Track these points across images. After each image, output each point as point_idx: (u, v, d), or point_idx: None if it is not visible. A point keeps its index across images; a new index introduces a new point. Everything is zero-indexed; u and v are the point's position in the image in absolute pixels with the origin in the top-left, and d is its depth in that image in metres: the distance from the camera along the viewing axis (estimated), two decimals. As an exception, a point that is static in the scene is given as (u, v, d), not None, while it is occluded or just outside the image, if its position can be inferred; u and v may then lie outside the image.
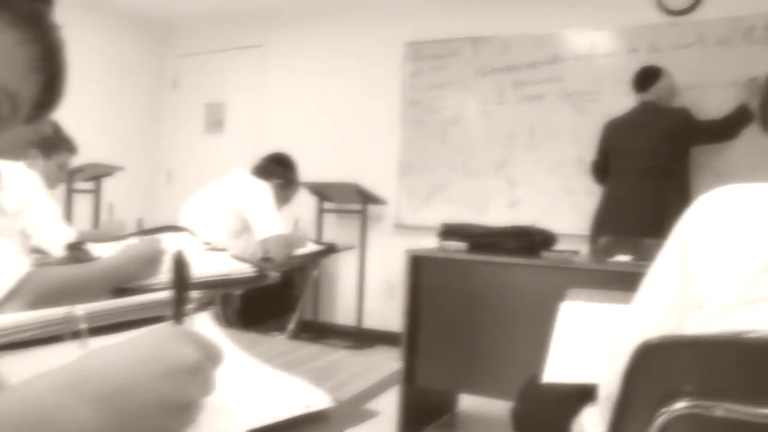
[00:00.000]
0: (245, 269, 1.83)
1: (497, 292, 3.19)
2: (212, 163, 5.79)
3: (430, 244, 3.68)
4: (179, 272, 0.63)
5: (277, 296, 3.26)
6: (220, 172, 3.56)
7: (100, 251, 1.85)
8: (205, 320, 0.80)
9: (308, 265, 3.70)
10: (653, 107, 4.09)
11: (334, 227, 5.60)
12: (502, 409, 3.37)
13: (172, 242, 1.72)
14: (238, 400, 0.67)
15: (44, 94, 0.69)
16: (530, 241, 3.30)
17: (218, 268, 1.77)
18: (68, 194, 5.28)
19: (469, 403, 3.75)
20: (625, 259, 3.01)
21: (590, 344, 1.39)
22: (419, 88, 5.32)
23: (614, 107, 4.33)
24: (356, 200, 5.22)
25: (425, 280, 3.35)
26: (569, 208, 4.74)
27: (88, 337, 0.70)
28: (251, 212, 3.23)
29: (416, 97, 5.33)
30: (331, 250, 3.83)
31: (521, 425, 1.47)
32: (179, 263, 0.64)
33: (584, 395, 1.26)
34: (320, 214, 5.50)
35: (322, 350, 0.92)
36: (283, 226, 3.26)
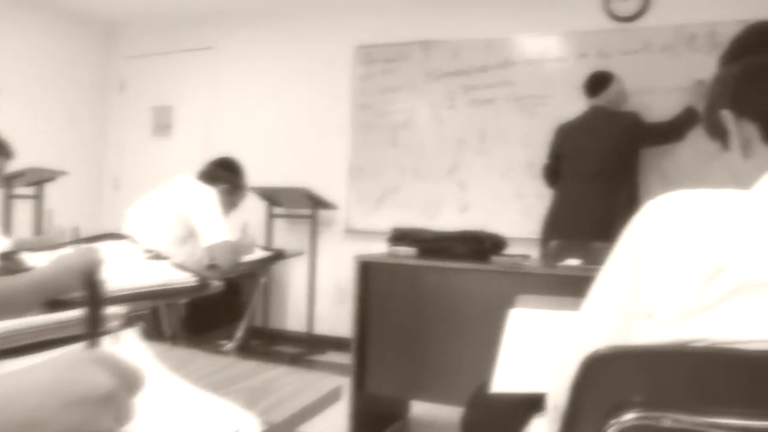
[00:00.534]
0: (186, 278, 1.77)
1: (448, 297, 3.17)
2: (160, 167, 5.67)
3: (381, 248, 3.64)
4: (92, 290, 0.58)
5: (224, 304, 3.18)
6: (168, 176, 3.48)
7: (35, 261, 1.77)
8: (131, 337, 0.74)
9: (257, 271, 3.62)
10: (604, 112, 4.13)
11: (284, 232, 5.54)
12: (453, 414, 3.35)
13: (111, 251, 1.65)
14: (159, 428, 0.62)
15: None
16: (480, 246, 3.28)
17: (158, 277, 1.71)
18: (6, 200, 5.11)
19: (420, 409, 3.72)
20: (575, 263, 3.02)
21: (539, 353, 1.37)
22: (370, 91, 5.29)
23: (564, 111, 4.36)
24: (306, 205, 5.16)
25: (375, 286, 3.31)
26: (520, 211, 4.76)
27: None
28: (197, 218, 3.15)
29: (367, 100, 5.30)
30: (279, 256, 3.77)
31: (471, 434, 1.45)
32: (92, 281, 0.58)
33: (533, 404, 1.24)
34: (270, 219, 5.43)
35: (258, 367, 0.87)
36: (229, 232, 3.19)
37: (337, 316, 5.26)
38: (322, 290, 5.37)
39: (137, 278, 1.60)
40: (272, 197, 5.33)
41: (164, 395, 0.67)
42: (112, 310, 0.70)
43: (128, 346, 0.72)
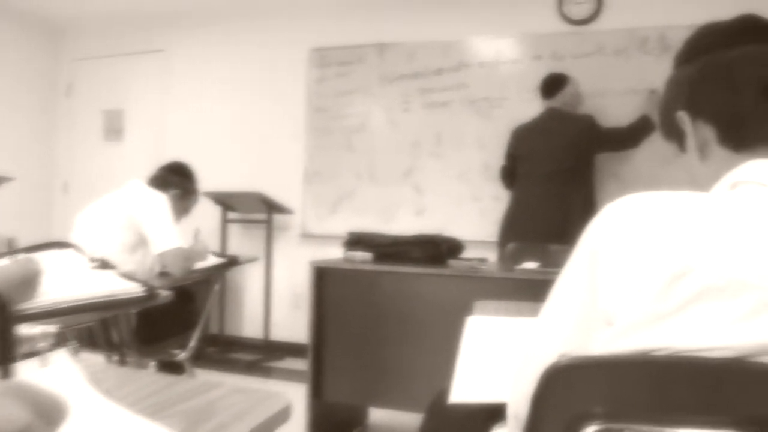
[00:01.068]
0: (133, 289, 1.70)
1: (405, 302, 3.14)
2: (112, 172, 5.54)
3: (337, 253, 3.60)
4: (1, 313, 0.53)
5: (177, 312, 3.09)
6: (121, 182, 3.38)
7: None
8: (62, 359, 0.69)
9: (211, 278, 3.55)
10: (559, 113, 4.14)
11: (238, 238, 5.46)
12: (412, 420, 3.33)
13: (53, 261, 1.58)
14: (85, 461, 0.57)
15: None
16: (437, 250, 3.26)
17: (102, 288, 1.64)
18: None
19: (379, 416, 3.68)
20: (532, 266, 3.01)
21: (497, 362, 1.34)
22: (324, 94, 5.25)
23: (519, 113, 4.37)
24: (261, 210, 5.09)
25: (331, 292, 3.27)
26: (476, 214, 4.76)
27: None
28: (147, 225, 3.06)
29: (321, 103, 5.25)
30: (233, 262, 3.69)
31: (430, 443, 1.41)
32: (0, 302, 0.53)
33: (493, 413, 1.21)
34: (224, 224, 5.35)
35: (201, 386, 0.82)
36: (181, 238, 3.11)
37: (293, 321, 5.20)
38: (278, 296, 5.31)
39: (80, 289, 1.54)
40: (226, 202, 5.25)
41: (93, 424, 0.62)
42: (40, 329, 0.65)
43: (58, 368, 0.66)
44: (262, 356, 5.04)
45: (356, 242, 3.43)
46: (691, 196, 0.88)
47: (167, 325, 3.14)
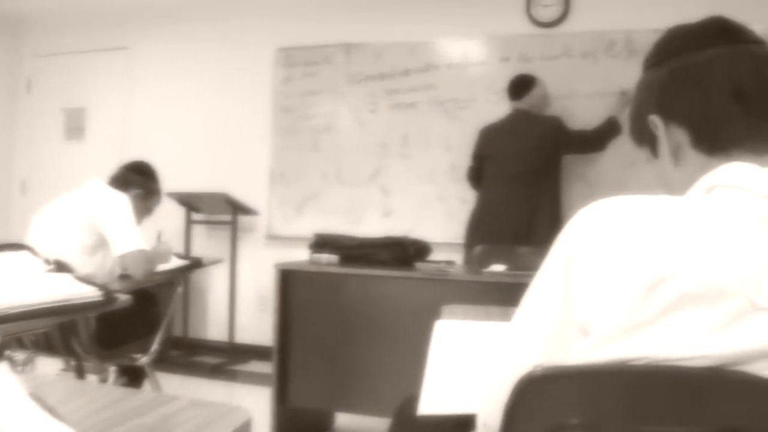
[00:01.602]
0: (90, 293, 1.64)
1: (371, 305, 3.11)
2: (73, 172, 5.40)
3: (303, 255, 3.56)
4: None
5: (139, 316, 3.01)
6: (81, 182, 3.29)
7: None
8: (1, 372, 0.64)
9: (174, 280, 3.48)
10: (526, 115, 4.14)
11: (203, 239, 5.38)
12: (379, 425, 3.30)
13: (5, 263, 1.51)
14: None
15: None
16: (404, 252, 3.24)
17: (57, 292, 1.57)
18: None
19: (345, 420, 3.64)
20: (500, 268, 3.00)
21: (467, 369, 1.31)
22: (291, 94, 5.19)
23: (486, 115, 4.36)
24: (226, 211, 5.03)
25: (296, 294, 3.23)
26: (443, 216, 4.74)
27: None
28: (107, 226, 2.98)
29: (288, 104, 5.19)
30: (197, 264, 3.62)
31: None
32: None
33: (462, 421, 1.18)
34: (188, 225, 5.26)
35: (156, 400, 0.77)
36: (143, 240, 3.03)
37: (258, 324, 5.14)
38: (243, 298, 5.24)
39: (32, 294, 1.47)
40: (190, 203, 5.17)
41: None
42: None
43: (-1, 382, 0.62)
44: (226, 359, 4.97)
45: (322, 244, 3.39)
46: (667, 200, 0.86)
47: (128, 328, 3.06)
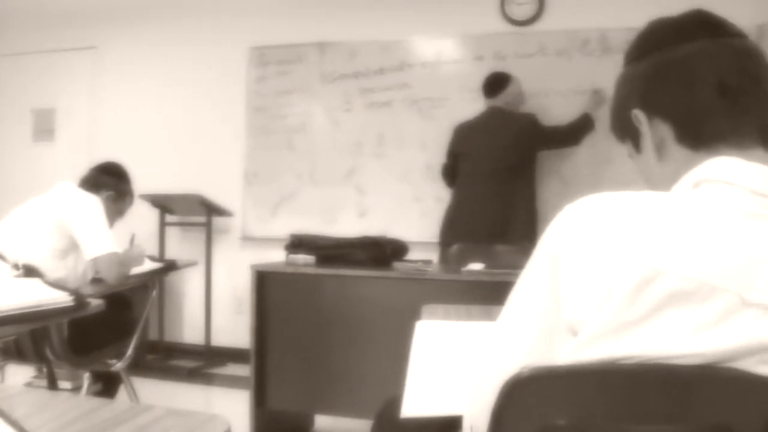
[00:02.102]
0: (60, 298, 1.59)
1: (349, 306, 3.09)
2: (42, 175, 5.30)
3: (279, 256, 3.53)
4: None
5: (112, 320, 2.94)
6: (51, 184, 3.22)
7: None
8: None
9: (148, 283, 3.42)
10: (501, 112, 4.14)
11: (177, 241, 5.32)
12: (360, 427, 3.27)
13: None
14: None
15: None
16: (381, 252, 3.22)
17: (26, 298, 1.53)
18: None
19: (325, 423, 3.61)
20: (478, 267, 2.98)
21: (449, 370, 1.29)
22: (264, 94, 5.14)
23: (461, 114, 4.35)
24: (200, 212, 4.97)
25: (273, 296, 3.19)
26: (419, 215, 4.72)
27: None
28: (78, 229, 2.92)
29: (261, 103, 5.15)
30: (171, 267, 3.57)
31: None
32: None
33: (446, 423, 1.17)
34: (162, 227, 5.19)
35: (130, 410, 0.74)
36: (115, 242, 2.98)
37: (235, 326, 5.09)
38: (219, 300, 5.19)
39: (3, 299, 1.43)
40: (164, 204, 5.10)
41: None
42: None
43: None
44: (203, 363, 4.92)
45: (298, 245, 3.36)
46: (653, 196, 0.84)
47: (102, 333, 3.01)
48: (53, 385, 2.73)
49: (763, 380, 0.74)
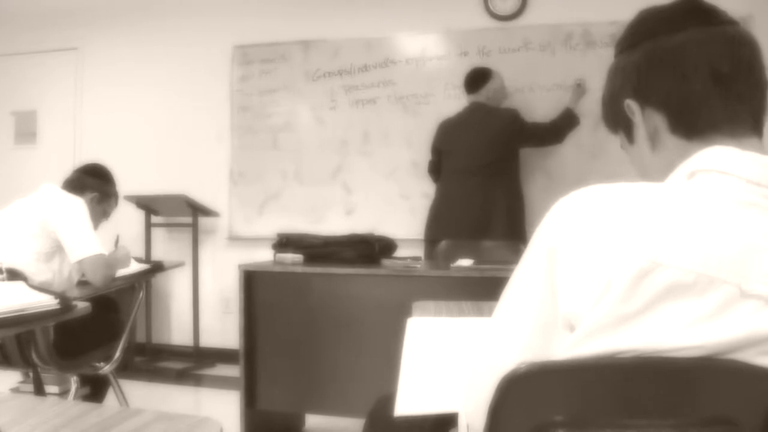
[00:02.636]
0: (45, 301, 1.56)
1: (339, 304, 3.07)
2: (24, 178, 5.25)
3: (266, 256, 3.51)
4: None
5: (99, 322, 2.91)
6: (34, 186, 3.18)
7: None
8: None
9: (135, 285, 3.39)
10: (483, 108, 4.13)
11: (163, 242, 5.28)
12: (351, 426, 3.26)
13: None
14: None
15: None
16: (370, 249, 3.20)
17: (10, 302, 1.50)
18: None
19: (316, 422, 3.59)
20: (467, 262, 2.97)
21: (443, 367, 1.27)
22: (248, 93, 5.11)
23: (446, 110, 4.35)
24: (186, 213, 4.93)
25: (261, 295, 3.17)
26: (406, 212, 4.71)
27: None
28: (63, 231, 2.88)
29: (245, 102, 5.11)
30: (158, 268, 3.53)
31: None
32: None
33: (440, 420, 1.15)
34: (148, 229, 5.15)
35: (119, 414, 0.72)
36: (100, 244, 2.94)
37: (223, 327, 5.07)
38: (206, 301, 5.15)
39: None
40: (149, 205, 5.06)
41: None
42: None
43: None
44: (192, 364, 4.89)
45: (286, 244, 3.34)
46: (649, 187, 0.83)
47: (89, 336, 2.97)
48: (40, 390, 2.70)
49: (762, 371, 0.74)
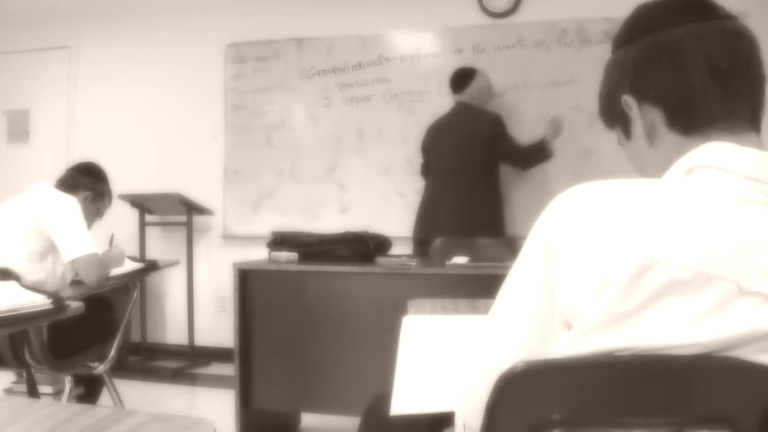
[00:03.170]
0: (38, 301, 1.55)
1: (334, 302, 3.06)
2: (17, 177, 5.21)
3: (261, 254, 3.50)
4: None
5: (93, 322, 2.90)
6: (27, 186, 3.15)
7: None
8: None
9: (129, 284, 3.37)
10: (467, 108, 4.14)
11: (158, 241, 5.26)
12: (346, 424, 3.26)
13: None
14: None
15: None
16: (365, 247, 3.19)
17: (3, 302, 1.49)
18: None
19: (311, 420, 3.58)
20: (462, 260, 2.97)
21: (439, 365, 1.27)
22: (242, 91, 5.10)
23: (440, 107, 4.34)
24: (180, 211, 4.92)
25: (256, 294, 3.16)
26: (401, 210, 4.70)
27: None
28: (56, 230, 2.86)
29: (239, 100, 5.10)
30: (152, 267, 3.52)
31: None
32: None
33: (436, 419, 1.15)
34: (142, 227, 5.14)
35: (112, 416, 0.71)
36: (94, 244, 2.93)
37: (218, 326, 5.06)
38: (201, 300, 5.14)
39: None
40: (143, 204, 5.05)
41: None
42: None
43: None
44: (187, 363, 4.88)
45: (280, 242, 3.33)
46: (647, 184, 0.82)
47: (83, 336, 2.96)
48: (33, 390, 2.68)
49: (760, 369, 0.73)
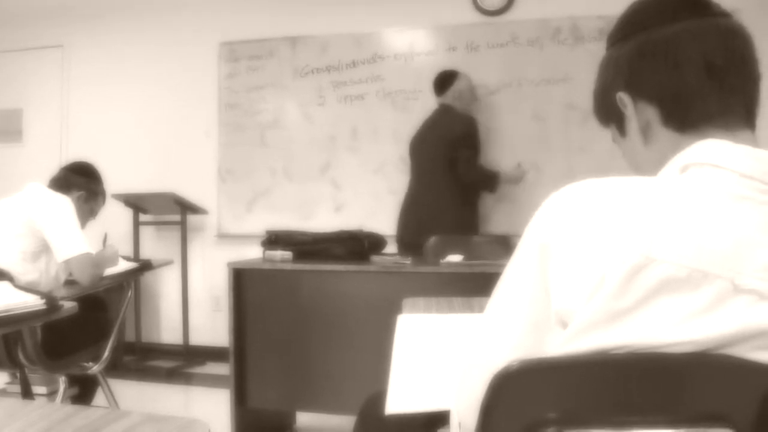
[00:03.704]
0: (31, 301, 1.54)
1: (328, 301, 3.06)
2: (11, 176, 5.19)
3: (255, 253, 3.49)
4: None
5: (88, 322, 2.89)
6: (20, 185, 3.14)
7: None
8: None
9: (123, 284, 3.36)
10: (446, 110, 4.16)
11: (152, 240, 5.25)
12: (342, 423, 3.25)
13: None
14: None
15: None
16: (359, 245, 3.19)
17: (-4, 303, 1.48)
18: None
19: (307, 419, 3.58)
20: (456, 258, 2.97)
21: (434, 364, 1.26)
22: (236, 90, 5.09)
23: (434, 106, 4.33)
24: (174, 211, 4.90)
25: (251, 293, 3.15)
26: (395, 208, 4.68)
27: None
28: (50, 230, 2.85)
29: (233, 99, 5.09)
30: (146, 267, 3.51)
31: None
32: None
33: (431, 418, 1.14)
34: (136, 227, 5.12)
35: (106, 416, 0.70)
36: (88, 243, 2.92)
37: (213, 325, 5.05)
38: (196, 299, 5.13)
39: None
40: (137, 204, 5.03)
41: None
42: None
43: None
44: (182, 362, 4.87)
45: (275, 241, 3.33)
46: (641, 181, 0.82)
47: (77, 336, 2.94)
48: (27, 391, 2.68)
49: (756, 366, 0.73)
